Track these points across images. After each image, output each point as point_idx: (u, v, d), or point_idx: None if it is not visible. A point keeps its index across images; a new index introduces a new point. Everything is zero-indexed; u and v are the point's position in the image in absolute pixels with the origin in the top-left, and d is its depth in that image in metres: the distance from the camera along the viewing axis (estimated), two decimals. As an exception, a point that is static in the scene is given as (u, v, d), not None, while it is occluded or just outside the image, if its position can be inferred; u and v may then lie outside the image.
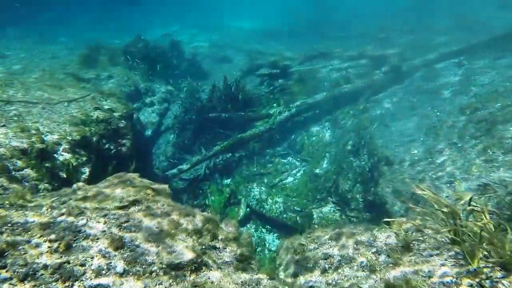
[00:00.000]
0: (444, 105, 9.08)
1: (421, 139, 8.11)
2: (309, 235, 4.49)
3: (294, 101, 11.15)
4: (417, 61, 11.92)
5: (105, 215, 3.17)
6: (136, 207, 3.46)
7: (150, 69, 13.29)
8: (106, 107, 7.50)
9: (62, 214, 3.05)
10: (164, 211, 3.51)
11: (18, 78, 7.81)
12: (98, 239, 2.86)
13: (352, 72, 11.56)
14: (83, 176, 5.28)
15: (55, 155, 5.09)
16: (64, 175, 4.88)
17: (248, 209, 9.58)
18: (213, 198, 10.09)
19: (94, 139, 6.27)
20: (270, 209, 9.10)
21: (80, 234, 2.85)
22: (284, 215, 8.79)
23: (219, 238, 3.69)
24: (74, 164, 5.14)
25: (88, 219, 3.06)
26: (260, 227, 9.32)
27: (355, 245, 3.88)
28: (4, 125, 5.09)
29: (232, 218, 9.60)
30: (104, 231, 2.97)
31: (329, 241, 4.16)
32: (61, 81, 8.36)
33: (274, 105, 11.54)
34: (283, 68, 12.46)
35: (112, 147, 6.79)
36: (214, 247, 3.53)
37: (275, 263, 4.61)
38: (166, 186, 3.99)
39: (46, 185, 4.30)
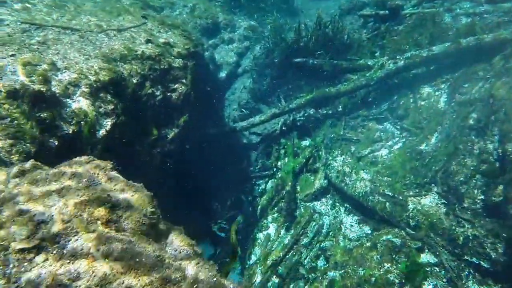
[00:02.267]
0: None
1: None
2: None
3: (403, 52, 8.75)
4: None
5: None
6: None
7: (233, 0, 11.52)
8: (162, 40, 6.08)
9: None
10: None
11: (75, 0, 6.62)
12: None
13: (489, 20, 8.69)
14: (101, 132, 3.99)
15: (67, 100, 3.82)
16: (70, 130, 3.60)
17: (326, 181, 7.91)
18: (286, 160, 8.54)
19: (132, 81, 4.92)
20: (353, 186, 7.33)
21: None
22: (370, 197, 6.98)
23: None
24: (90, 115, 3.84)
25: None
26: (338, 205, 7.66)
27: None
28: (13, 55, 3.89)
29: (305, 188, 8.06)
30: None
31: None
32: (124, 8, 7.04)
33: (377, 54, 9.23)
34: (394, 8, 9.88)
35: (158, 93, 5.43)
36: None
37: None
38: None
39: (27, 146, 3.04)
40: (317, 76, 9.23)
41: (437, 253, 5.88)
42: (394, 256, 6.10)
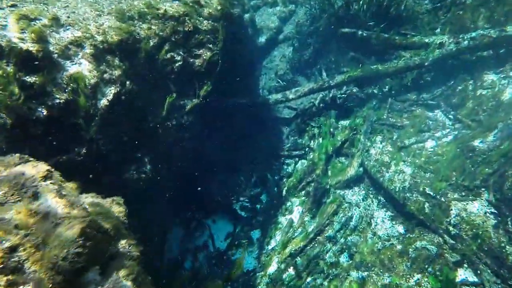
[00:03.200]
0: None
1: None
2: None
3: (468, 30, 7.59)
4: None
5: None
6: None
7: None
8: None
9: None
10: None
11: None
12: None
13: None
14: (102, 102, 3.51)
15: (66, 62, 3.34)
16: (63, 99, 3.14)
17: (361, 169, 7.21)
18: (321, 141, 7.86)
19: (149, 43, 4.37)
20: (390, 179, 6.60)
21: None
22: (408, 195, 6.25)
23: None
24: (89, 81, 3.35)
25: None
26: (372, 196, 6.99)
27: None
28: (14, 5, 3.42)
29: (337, 174, 7.40)
30: None
31: None
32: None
33: (437, 31, 8.10)
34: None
35: (178, 59, 4.87)
36: None
37: None
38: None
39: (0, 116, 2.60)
40: (365, 49, 8.29)
41: (479, 271, 5.14)
42: (426, 266, 5.43)
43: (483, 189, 5.89)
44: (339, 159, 7.67)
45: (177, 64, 4.97)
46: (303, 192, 7.47)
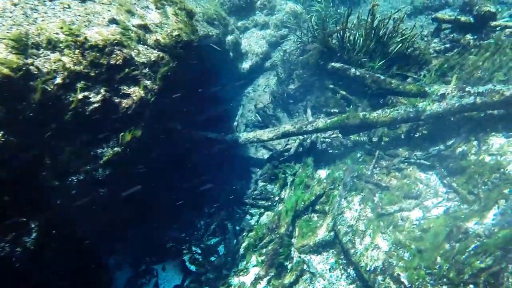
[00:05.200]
0: None
1: None
2: None
3: (479, 82, 6.45)
4: None
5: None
6: None
7: None
8: (137, 22, 4.55)
9: None
10: None
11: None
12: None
13: None
14: None
15: None
16: None
17: (332, 234, 6.08)
18: (291, 192, 6.77)
19: (48, 82, 3.44)
20: (362, 253, 5.46)
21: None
22: (379, 278, 5.11)
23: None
24: None
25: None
26: (341, 267, 5.85)
27: None
28: None
29: (305, 234, 6.29)
30: None
31: None
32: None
33: (443, 78, 6.93)
34: (482, 16, 7.41)
35: (96, 99, 3.92)
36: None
37: None
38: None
39: None
40: (358, 89, 7.19)
41: None
42: None
43: (471, 286, 4.71)
44: (311, 215, 6.56)
45: (93, 106, 3.99)
46: (264, 250, 6.39)
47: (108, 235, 6.01)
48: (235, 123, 7.68)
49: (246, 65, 8.11)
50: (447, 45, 7.47)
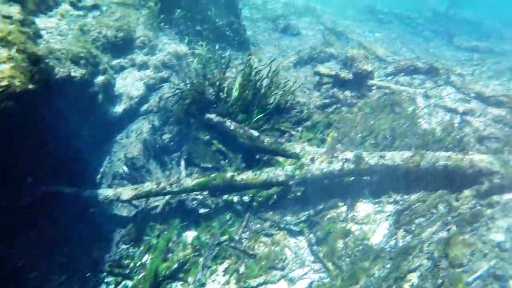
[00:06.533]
0: None
1: None
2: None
3: (352, 143, 6.36)
4: None
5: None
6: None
7: (165, 11, 8.70)
8: None
9: None
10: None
11: None
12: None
13: (472, 125, 6.35)
14: None
15: None
16: None
17: (190, 310, 5.42)
18: (152, 259, 6.02)
19: None
20: None
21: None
22: None
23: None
24: None
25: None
26: None
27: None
28: None
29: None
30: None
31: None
32: None
33: (316, 136, 6.77)
34: (360, 74, 7.50)
35: None
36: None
37: None
38: None
39: None
40: (234, 144, 6.76)
41: None
42: None
43: None
44: (174, 284, 5.85)
45: None
46: (115, 331, 5.52)
47: None
48: (99, 175, 6.79)
49: (119, 108, 7.30)
50: (327, 101, 7.41)
